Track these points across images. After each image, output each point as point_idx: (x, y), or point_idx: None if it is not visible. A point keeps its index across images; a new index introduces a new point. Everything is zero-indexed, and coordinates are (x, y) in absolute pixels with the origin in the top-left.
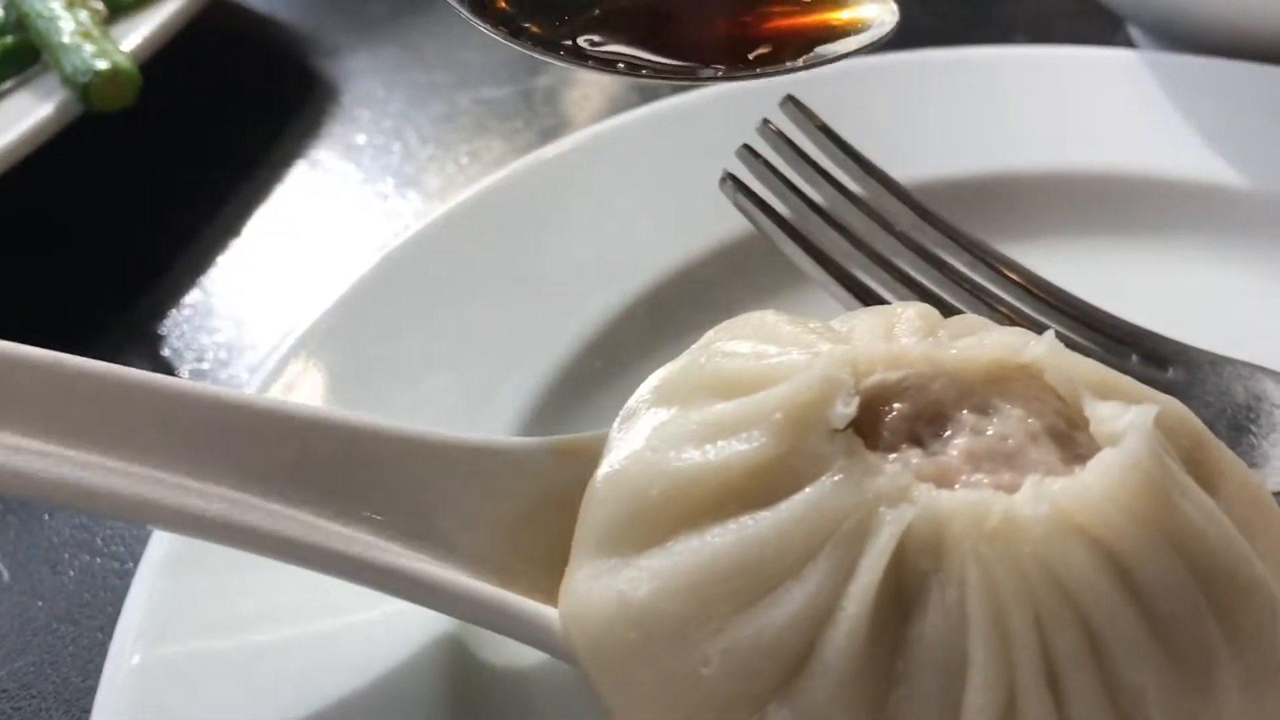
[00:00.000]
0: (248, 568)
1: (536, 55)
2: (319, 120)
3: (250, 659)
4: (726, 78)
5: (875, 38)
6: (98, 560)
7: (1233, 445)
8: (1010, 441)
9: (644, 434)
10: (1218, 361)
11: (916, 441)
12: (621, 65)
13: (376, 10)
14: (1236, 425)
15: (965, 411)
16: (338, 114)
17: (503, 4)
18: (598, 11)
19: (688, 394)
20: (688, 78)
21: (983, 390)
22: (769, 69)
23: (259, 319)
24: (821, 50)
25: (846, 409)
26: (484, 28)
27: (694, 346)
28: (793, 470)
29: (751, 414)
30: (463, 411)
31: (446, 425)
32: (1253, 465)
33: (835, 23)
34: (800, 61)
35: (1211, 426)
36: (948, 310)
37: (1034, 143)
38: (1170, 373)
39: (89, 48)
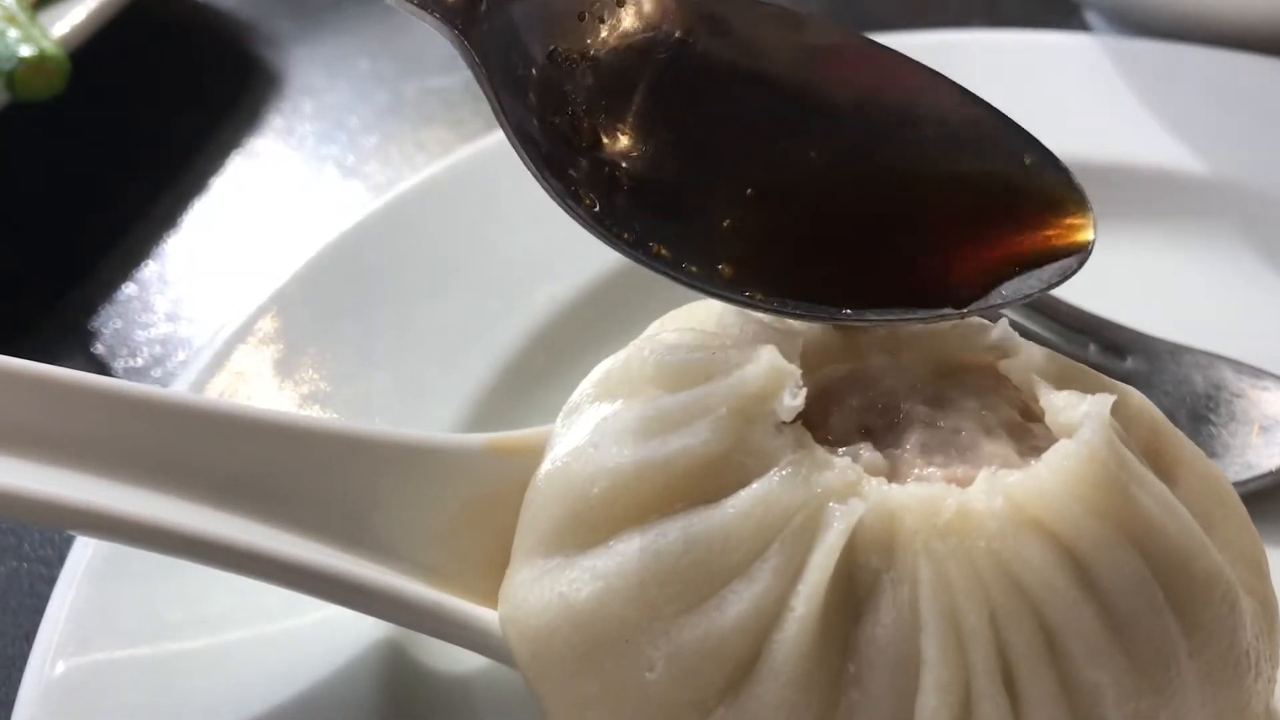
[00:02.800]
0: (174, 573)
1: (623, 253)
2: (259, 110)
3: (177, 667)
4: (858, 320)
5: (1064, 273)
6: (24, 565)
7: (1193, 435)
8: (964, 434)
9: (586, 429)
10: (1177, 350)
11: (868, 434)
12: (725, 270)
13: None
14: (1196, 415)
15: (918, 404)
16: (279, 103)
17: (604, 137)
18: (727, 208)
19: (632, 387)
20: (813, 314)
21: (936, 382)
22: (918, 313)
23: (195, 314)
24: (994, 290)
25: (794, 401)
26: (560, 200)
27: (638, 338)
28: (739, 465)
29: (696, 407)
30: (403, 408)
31: (386, 422)
32: (1212, 455)
33: (1010, 248)
34: (959, 307)
35: (1171, 416)
36: None
37: None
38: (1129, 362)
39: (14, 33)
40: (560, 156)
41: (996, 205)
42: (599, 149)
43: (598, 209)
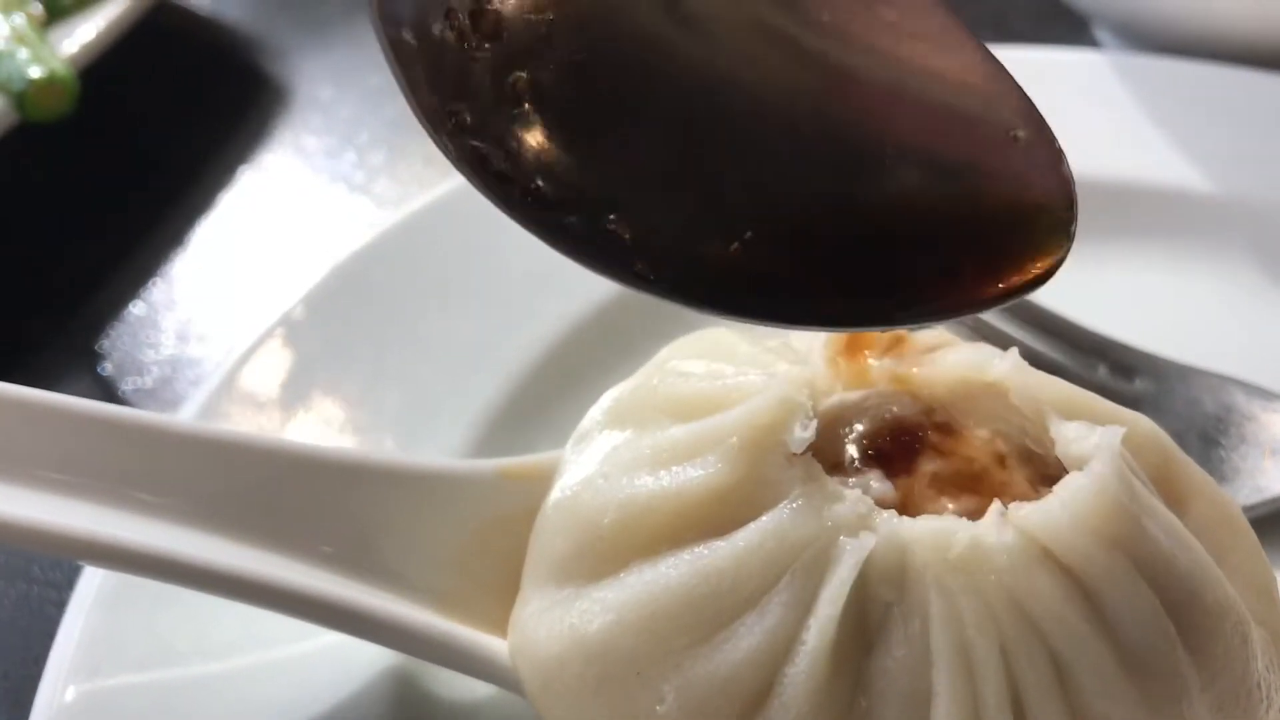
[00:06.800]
0: (184, 599)
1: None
2: (267, 124)
3: (187, 693)
4: (808, 327)
5: (1021, 290)
6: (34, 589)
7: (1203, 458)
8: (975, 464)
9: (596, 459)
10: (1186, 372)
11: (878, 462)
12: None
13: (328, 10)
14: (1206, 438)
15: (928, 432)
16: (287, 117)
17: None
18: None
19: (642, 416)
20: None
21: (946, 409)
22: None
23: (205, 334)
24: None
25: (805, 434)
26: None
27: (648, 365)
28: (750, 497)
29: (706, 438)
30: (412, 430)
31: (395, 442)
32: (1222, 479)
33: (974, 240)
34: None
35: (1181, 439)
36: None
37: None
38: (1137, 384)
39: (24, 53)
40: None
41: (968, 186)
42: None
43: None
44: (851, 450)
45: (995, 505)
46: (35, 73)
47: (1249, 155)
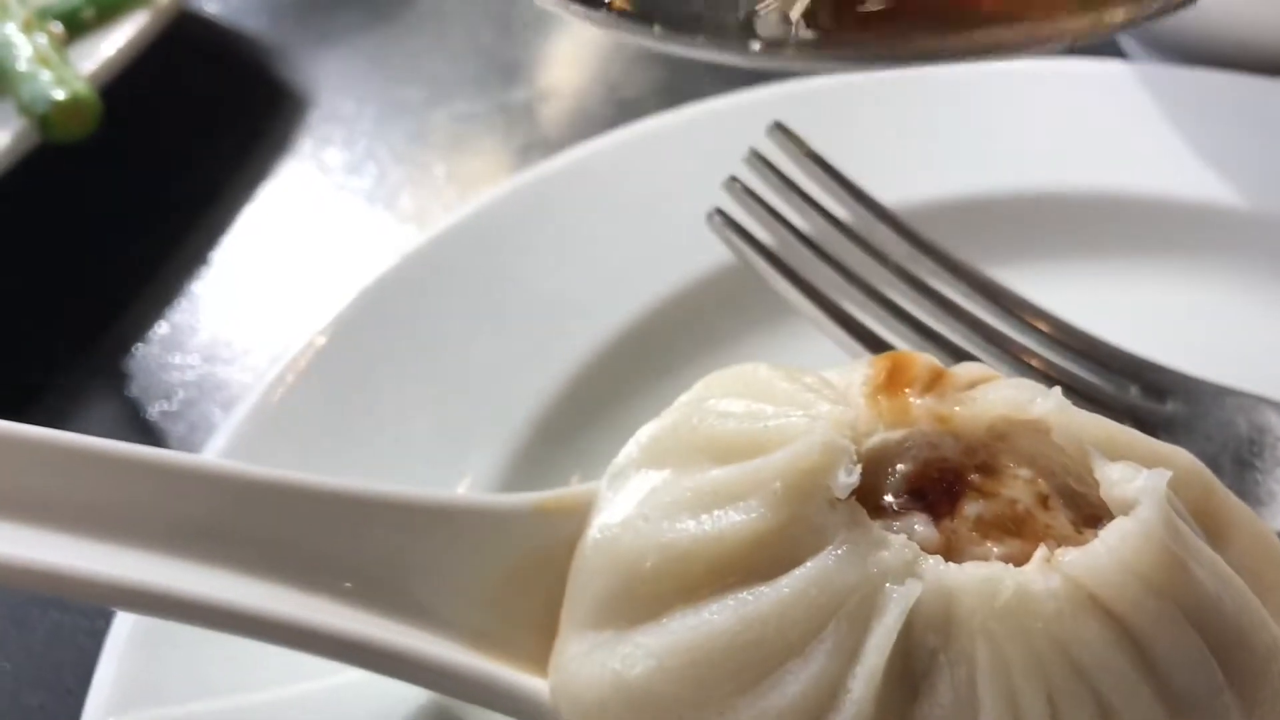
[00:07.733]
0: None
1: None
2: (288, 137)
3: None
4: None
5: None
6: (67, 618)
7: (1237, 481)
8: (1019, 505)
9: (635, 499)
10: (1219, 393)
11: (920, 500)
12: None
13: (346, 21)
14: (1240, 460)
15: (971, 473)
16: (307, 131)
17: None
18: None
19: (681, 456)
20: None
21: (988, 447)
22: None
23: (229, 353)
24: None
25: (849, 479)
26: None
27: (684, 399)
28: (793, 542)
29: (749, 482)
30: (443, 460)
31: (426, 475)
32: (1258, 502)
33: None
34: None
35: (1215, 461)
36: (945, 347)
37: (1028, 162)
38: (1170, 405)
39: (46, 75)
40: None
41: None
42: None
43: None
44: (894, 490)
45: (1041, 551)
46: (59, 95)
47: None
